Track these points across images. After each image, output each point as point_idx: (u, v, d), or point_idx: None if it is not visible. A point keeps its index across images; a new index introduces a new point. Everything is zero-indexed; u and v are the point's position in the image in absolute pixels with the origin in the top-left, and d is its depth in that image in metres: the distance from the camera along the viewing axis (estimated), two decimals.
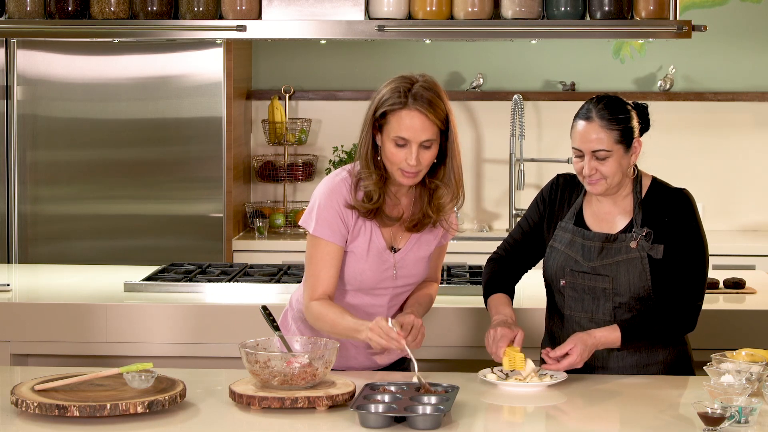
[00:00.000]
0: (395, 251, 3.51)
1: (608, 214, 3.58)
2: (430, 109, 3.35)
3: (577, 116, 3.52)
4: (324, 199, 3.46)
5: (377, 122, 3.41)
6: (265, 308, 3.46)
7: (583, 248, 3.55)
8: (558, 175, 3.71)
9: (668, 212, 3.52)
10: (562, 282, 3.57)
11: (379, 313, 3.51)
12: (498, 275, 3.69)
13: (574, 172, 3.64)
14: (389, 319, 3.31)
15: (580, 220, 3.60)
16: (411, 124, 3.34)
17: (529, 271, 3.76)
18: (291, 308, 3.67)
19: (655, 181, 3.60)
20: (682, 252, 3.50)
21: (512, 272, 3.71)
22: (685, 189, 3.57)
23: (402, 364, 3.65)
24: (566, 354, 3.38)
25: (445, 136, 3.42)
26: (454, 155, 3.44)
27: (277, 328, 3.38)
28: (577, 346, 3.38)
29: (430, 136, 3.37)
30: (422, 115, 3.34)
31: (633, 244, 3.50)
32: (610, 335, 3.44)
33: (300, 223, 3.53)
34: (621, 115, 3.49)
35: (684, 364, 3.58)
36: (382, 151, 3.41)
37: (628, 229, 3.54)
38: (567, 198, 3.65)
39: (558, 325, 3.62)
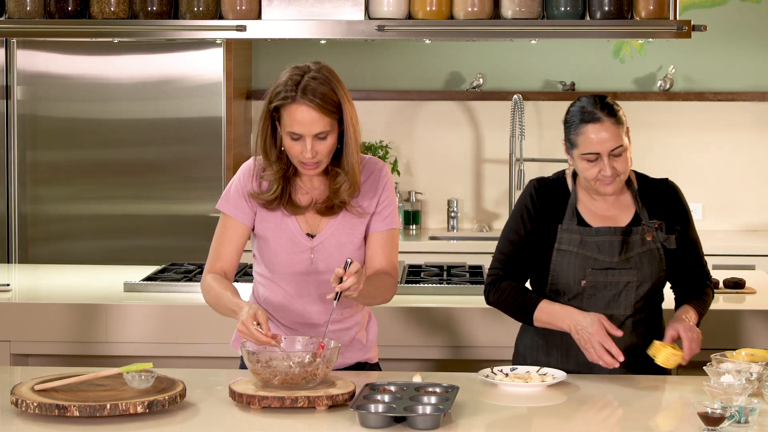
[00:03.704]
0: (313, 237, 3.47)
1: (606, 210, 3.60)
2: (320, 101, 3.30)
3: (581, 121, 3.48)
4: (235, 179, 3.52)
5: (273, 114, 3.39)
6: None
7: (600, 245, 3.55)
8: (533, 182, 3.64)
9: (667, 203, 3.62)
10: (583, 282, 3.56)
11: (310, 306, 3.48)
12: (520, 286, 3.61)
13: (547, 176, 3.65)
14: (259, 316, 3.21)
15: (581, 220, 3.60)
16: (302, 119, 3.31)
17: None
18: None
19: (639, 174, 3.67)
20: (692, 237, 3.64)
21: (523, 281, 3.66)
22: (668, 178, 3.69)
23: (363, 369, 3.61)
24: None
25: (342, 122, 3.38)
26: (349, 143, 3.39)
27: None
28: (686, 333, 3.47)
29: (323, 128, 3.33)
30: (312, 108, 3.30)
31: (648, 237, 3.54)
32: (692, 315, 3.55)
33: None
34: (619, 109, 3.52)
35: None
36: (283, 144, 3.40)
37: (634, 222, 3.57)
38: (553, 201, 3.62)
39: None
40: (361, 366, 3.59)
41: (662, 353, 3.38)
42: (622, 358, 3.39)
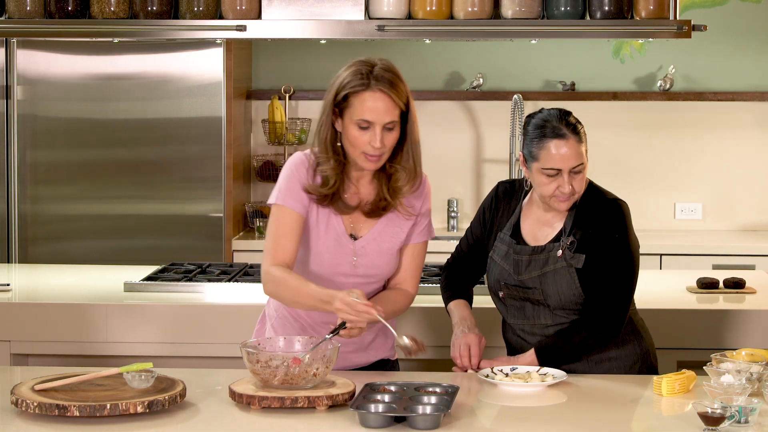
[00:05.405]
0: (356, 239, 3.47)
1: (550, 219, 3.55)
2: (393, 90, 3.34)
3: (544, 136, 3.43)
4: (288, 171, 3.45)
5: (338, 107, 3.38)
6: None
7: (515, 262, 3.55)
8: (498, 184, 3.69)
9: (596, 222, 3.48)
10: (501, 294, 3.59)
11: None
12: (453, 282, 3.72)
13: (514, 179, 3.68)
14: (353, 292, 3.23)
15: (516, 232, 3.58)
16: (374, 106, 3.33)
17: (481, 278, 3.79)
18: (269, 314, 3.65)
19: (592, 187, 3.56)
20: (605, 263, 3.46)
21: (465, 279, 3.74)
22: (619, 200, 3.53)
23: (385, 366, 3.61)
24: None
25: (405, 118, 3.41)
26: (413, 138, 3.43)
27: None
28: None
29: (393, 118, 3.35)
30: (385, 96, 3.33)
31: (559, 253, 3.49)
32: (527, 359, 3.50)
33: (268, 201, 3.50)
34: (582, 128, 3.47)
35: (644, 359, 3.57)
36: (344, 136, 3.38)
37: (558, 237, 3.53)
38: (507, 207, 3.63)
39: (508, 331, 3.66)
40: (383, 362, 3.60)
41: (664, 387, 3.25)
42: (466, 370, 3.48)
